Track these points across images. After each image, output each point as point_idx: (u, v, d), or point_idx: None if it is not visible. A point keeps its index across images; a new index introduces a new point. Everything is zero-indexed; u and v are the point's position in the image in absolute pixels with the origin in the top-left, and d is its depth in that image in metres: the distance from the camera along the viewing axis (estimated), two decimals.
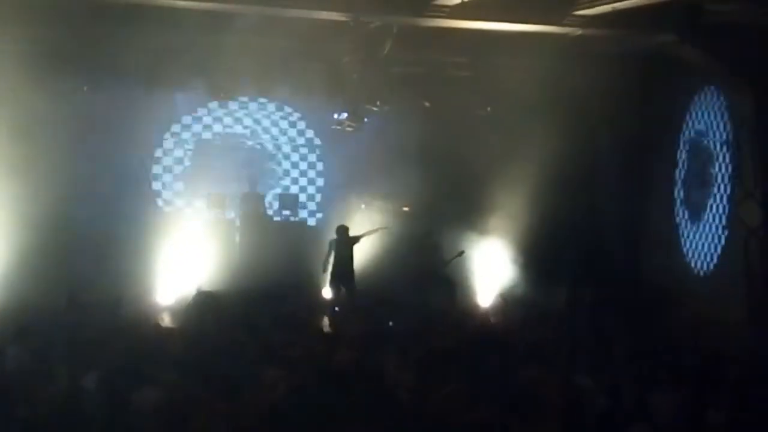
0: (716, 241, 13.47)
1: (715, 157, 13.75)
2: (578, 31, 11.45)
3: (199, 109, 16.63)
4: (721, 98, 12.33)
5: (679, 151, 14.71)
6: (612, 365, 9.64)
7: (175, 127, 16.79)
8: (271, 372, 8.62)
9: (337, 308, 13.51)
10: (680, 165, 14.67)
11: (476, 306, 14.69)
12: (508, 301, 14.36)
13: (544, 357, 9.70)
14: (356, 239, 14.42)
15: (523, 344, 10.55)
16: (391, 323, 12.31)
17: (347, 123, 14.53)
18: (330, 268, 14.23)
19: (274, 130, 17.58)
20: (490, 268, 15.16)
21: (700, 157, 14.19)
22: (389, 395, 8.07)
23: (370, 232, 14.82)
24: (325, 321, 13.24)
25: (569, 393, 8.38)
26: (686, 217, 14.52)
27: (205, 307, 11.58)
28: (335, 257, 14.20)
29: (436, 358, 9.75)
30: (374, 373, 8.82)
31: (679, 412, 7.89)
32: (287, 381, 8.36)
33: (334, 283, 14.18)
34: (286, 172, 17.77)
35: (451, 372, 9.27)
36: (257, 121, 17.32)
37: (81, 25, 12.22)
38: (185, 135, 16.82)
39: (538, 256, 14.87)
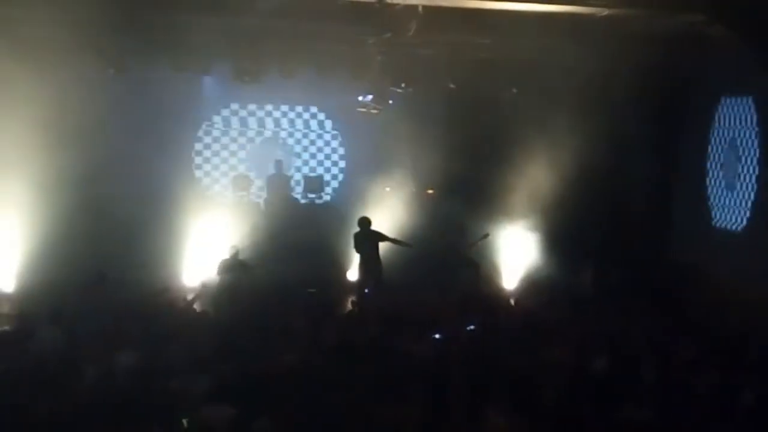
0: (744, 219, 13.38)
1: (745, 135, 13.65)
2: (605, 11, 11.33)
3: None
4: (750, 77, 12.20)
5: (708, 131, 14.60)
6: (638, 345, 9.63)
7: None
8: (294, 352, 8.71)
9: (366, 290, 13.53)
10: (710, 144, 14.56)
11: (501, 288, 14.69)
12: (534, 283, 14.33)
13: (569, 337, 9.72)
14: (381, 237, 13.97)
15: (547, 325, 10.58)
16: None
17: (372, 105, 14.52)
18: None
19: (300, 113, 17.62)
20: (516, 250, 15.13)
21: (730, 136, 14.08)
22: (415, 372, 8.13)
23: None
24: (352, 302, 13.30)
25: (592, 373, 8.40)
26: (714, 195, 14.43)
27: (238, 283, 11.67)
28: (361, 256, 13.88)
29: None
30: (399, 352, 8.89)
31: (711, 393, 7.86)
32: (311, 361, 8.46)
33: (362, 270, 14.08)
34: (312, 155, 17.83)
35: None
36: (284, 103, 17.40)
37: (106, 8, 12.25)
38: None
39: (564, 238, 14.81)
